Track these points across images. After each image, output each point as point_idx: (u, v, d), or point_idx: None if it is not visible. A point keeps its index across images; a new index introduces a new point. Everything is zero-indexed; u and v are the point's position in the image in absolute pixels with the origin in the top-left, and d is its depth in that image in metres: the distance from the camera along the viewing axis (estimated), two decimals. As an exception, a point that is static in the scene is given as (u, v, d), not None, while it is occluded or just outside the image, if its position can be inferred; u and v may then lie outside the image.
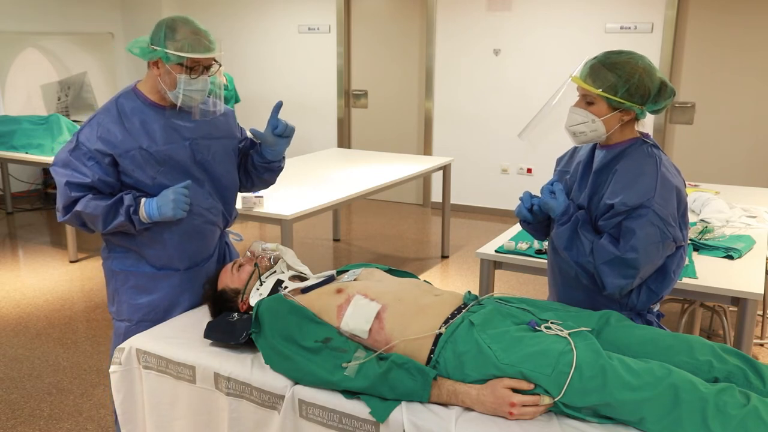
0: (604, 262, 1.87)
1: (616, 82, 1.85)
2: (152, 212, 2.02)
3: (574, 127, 1.94)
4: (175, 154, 2.10)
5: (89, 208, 2.02)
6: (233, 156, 2.29)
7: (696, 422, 1.45)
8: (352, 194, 3.86)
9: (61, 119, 5.68)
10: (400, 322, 1.77)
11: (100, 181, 2.03)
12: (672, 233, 1.86)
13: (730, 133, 5.70)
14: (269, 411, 1.78)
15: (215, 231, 2.28)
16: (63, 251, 5.36)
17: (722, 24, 5.55)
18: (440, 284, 4.65)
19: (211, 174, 2.20)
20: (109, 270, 2.23)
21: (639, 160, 1.91)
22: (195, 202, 2.14)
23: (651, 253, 1.85)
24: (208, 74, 2.04)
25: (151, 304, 2.19)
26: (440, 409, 1.60)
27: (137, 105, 2.09)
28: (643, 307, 1.99)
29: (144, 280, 2.19)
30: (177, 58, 1.96)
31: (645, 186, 1.85)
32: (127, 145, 2.03)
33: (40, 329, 3.92)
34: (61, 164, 2.05)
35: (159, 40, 1.98)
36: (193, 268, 2.23)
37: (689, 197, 3.49)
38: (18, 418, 2.99)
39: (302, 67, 7.38)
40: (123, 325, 2.23)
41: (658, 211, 1.83)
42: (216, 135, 2.21)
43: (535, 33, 6.12)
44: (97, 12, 7.60)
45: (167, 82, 2.02)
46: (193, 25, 2.01)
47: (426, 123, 6.80)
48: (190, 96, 2.03)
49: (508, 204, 6.50)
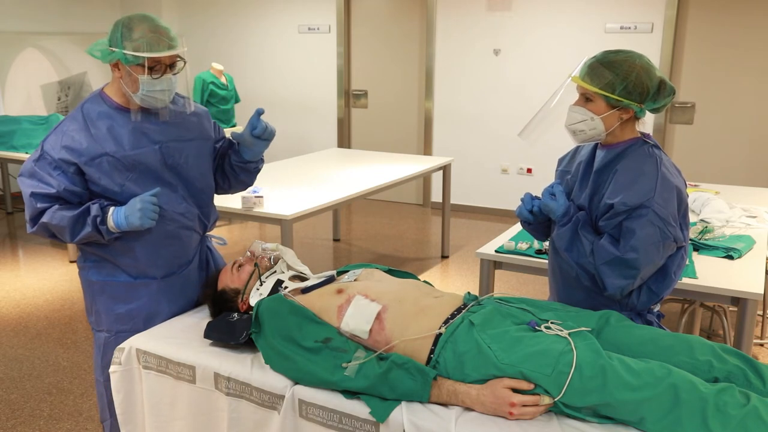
0: (605, 263, 1.87)
1: (614, 80, 1.86)
2: (120, 222, 1.95)
3: (573, 125, 1.95)
4: (145, 158, 2.02)
5: (55, 219, 1.95)
6: (208, 158, 2.21)
7: (696, 422, 1.45)
8: (352, 194, 3.85)
9: (61, 119, 5.68)
10: (401, 323, 1.77)
11: (66, 191, 1.96)
12: (672, 233, 1.86)
13: (730, 133, 5.70)
14: (269, 411, 1.78)
15: (192, 236, 2.20)
16: (63, 251, 5.36)
17: (722, 24, 5.55)
18: (440, 284, 4.65)
19: (184, 177, 2.12)
20: (85, 280, 2.17)
21: (639, 160, 1.91)
22: (168, 208, 2.07)
23: (651, 254, 1.85)
24: (173, 72, 1.96)
25: (129, 314, 2.13)
26: (440, 409, 1.60)
27: (104, 110, 2.01)
28: (643, 307, 1.99)
29: (121, 290, 2.12)
30: (135, 58, 1.88)
31: (645, 186, 1.85)
32: (92, 152, 1.96)
33: (40, 329, 3.92)
34: (27, 174, 1.98)
35: (116, 41, 1.90)
36: (171, 275, 2.17)
37: (689, 197, 3.49)
38: (18, 418, 2.99)
39: (302, 67, 7.38)
40: (102, 336, 2.17)
41: (658, 211, 1.83)
42: (187, 137, 2.12)
43: (535, 33, 6.12)
44: (97, 12, 7.60)
45: (129, 84, 1.94)
46: (152, 22, 1.92)
47: (426, 123, 6.80)
48: (153, 97, 1.95)
49: (508, 204, 6.50)
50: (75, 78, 7.24)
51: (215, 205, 2.31)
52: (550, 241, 2.16)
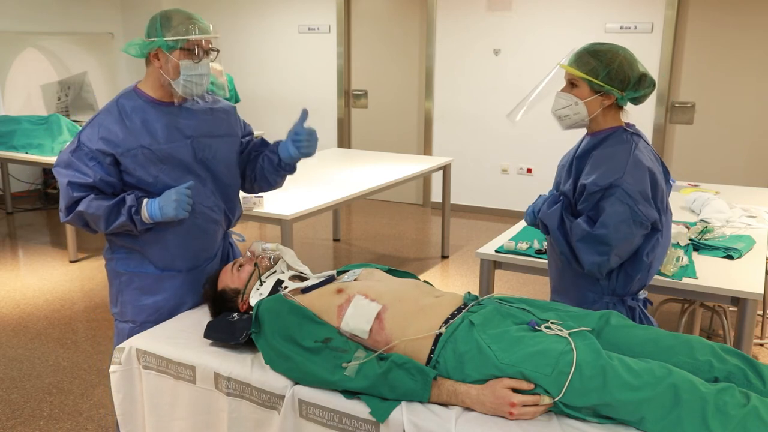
0: (579, 239, 2.01)
1: (598, 66, 2.01)
2: (154, 212, 2.02)
3: (559, 111, 2.10)
4: (177, 152, 2.10)
5: (91, 208, 2.02)
6: (235, 154, 2.30)
7: (696, 422, 1.45)
8: (352, 194, 3.86)
9: (61, 119, 5.68)
10: (401, 323, 1.77)
11: (102, 181, 2.03)
12: (643, 211, 1.97)
13: (730, 133, 5.70)
14: (269, 411, 1.78)
15: (218, 230, 2.28)
16: (63, 251, 5.36)
17: (722, 24, 5.55)
18: (440, 284, 4.65)
19: (213, 172, 2.20)
20: (112, 271, 2.23)
21: (614, 145, 2.06)
22: (197, 201, 2.14)
23: (622, 230, 1.96)
24: (210, 60, 2.06)
25: (155, 306, 2.19)
26: (440, 409, 1.60)
27: (138, 104, 2.09)
28: (623, 291, 2.09)
29: (148, 282, 2.19)
30: (176, 42, 1.99)
31: (615, 166, 1.99)
32: (128, 144, 2.03)
33: (40, 329, 3.92)
34: (63, 165, 2.06)
35: (156, 31, 2.00)
36: (196, 268, 2.24)
37: (689, 197, 3.50)
38: (18, 418, 2.99)
39: (302, 67, 7.38)
40: (127, 327, 2.22)
41: (627, 189, 1.95)
42: (217, 133, 2.22)
43: (535, 33, 6.12)
44: (97, 12, 7.60)
45: (170, 71, 2.02)
46: (186, 12, 2.04)
47: (426, 123, 6.80)
48: (193, 82, 2.04)
49: (508, 204, 6.50)
50: (75, 78, 7.24)
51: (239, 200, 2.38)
52: (549, 240, 2.23)
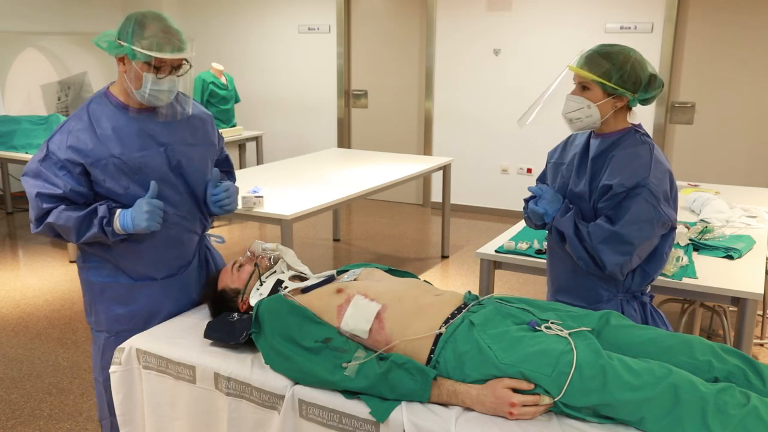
0: (601, 241, 1.99)
1: (611, 69, 1.99)
2: (126, 224, 1.94)
3: (570, 113, 2.07)
4: (150, 161, 2.00)
5: (61, 219, 1.93)
6: (209, 163, 2.21)
7: (696, 422, 1.45)
8: (352, 194, 3.85)
9: (61, 119, 5.69)
10: (400, 322, 1.77)
11: (72, 192, 1.94)
12: (665, 211, 1.99)
13: (730, 133, 5.69)
14: (269, 411, 1.78)
15: (193, 237, 2.21)
16: (63, 251, 5.35)
17: (722, 24, 5.55)
18: (440, 284, 4.65)
19: (188, 180, 2.11)
20: (85, 281, 2.15)
21: (634, 146, 2.06)
22: (172, 210, 2.07)
23: (645, 230, 1.97)
24: (178, 74, 1.95)
25: (129, 315, 2.13)
26: (440, 409, 1.60)
27: (109, 110, 2.00)
28: (637, 288, 2.11)
29: (122, 291, 2.11)
30: (144, 56, 1.87)
31: (641, 167, 1.99)
32: (98, 154, 1.94)
33: (40, 329, 3.92)
34: (31, 174, 1.96)
35: (127, 36, 1.87)
36: (171, 276, 2.17)
37: (689, 197, 3.50)
38: (18, 418, 2.99)
39: (302, 67, 7.38)
40: (102, 336, 2.17)
41: (653, 190, 1.97)
42: (192, 141, 2.12)
43: (535, 33, 6.12)
44: (97, 12, 7.60)
45: (132, 80, 1.92)
46: (165, 22, 1.90)
47: (426, 123, 6.80)
48: (155, 96, 1.93)
49: (508, 204, 6.50)
50: (75, 78, 7.24)
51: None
52: (548, 239, 2.26)
